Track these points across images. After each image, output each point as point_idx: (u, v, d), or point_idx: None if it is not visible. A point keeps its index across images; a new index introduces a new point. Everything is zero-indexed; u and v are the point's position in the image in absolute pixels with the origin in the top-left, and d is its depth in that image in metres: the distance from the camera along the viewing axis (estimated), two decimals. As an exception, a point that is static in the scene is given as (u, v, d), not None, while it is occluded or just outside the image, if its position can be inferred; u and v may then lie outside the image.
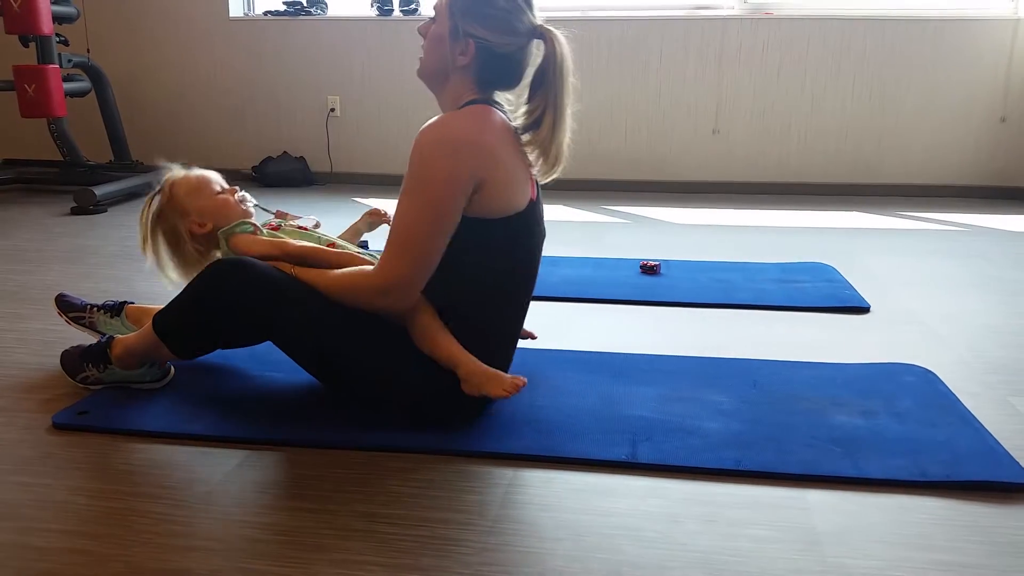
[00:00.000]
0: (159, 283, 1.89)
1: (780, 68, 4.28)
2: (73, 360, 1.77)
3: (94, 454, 1.51)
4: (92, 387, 1.75)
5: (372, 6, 4.57)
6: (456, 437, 1.53)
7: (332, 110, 4.64)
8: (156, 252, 1.82)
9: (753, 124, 4.36)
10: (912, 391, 1.76)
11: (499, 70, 1.54)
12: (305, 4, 4.63)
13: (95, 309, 1.99)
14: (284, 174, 4.56)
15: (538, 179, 1.60)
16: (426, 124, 1.49)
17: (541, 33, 1.53)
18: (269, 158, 4.62)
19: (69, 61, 4.13)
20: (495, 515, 1.31)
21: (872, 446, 1.51)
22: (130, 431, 1.58)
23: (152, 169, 4.38)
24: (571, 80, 1.53)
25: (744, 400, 1.71)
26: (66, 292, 2.07)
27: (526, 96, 1.56)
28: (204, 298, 1.60)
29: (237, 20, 4.67)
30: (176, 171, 1.86)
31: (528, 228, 1.58)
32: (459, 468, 1.45)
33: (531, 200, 1.57)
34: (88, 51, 4.54)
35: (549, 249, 3.09)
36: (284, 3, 4.65)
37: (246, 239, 1.70)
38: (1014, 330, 2.20)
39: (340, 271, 1.57)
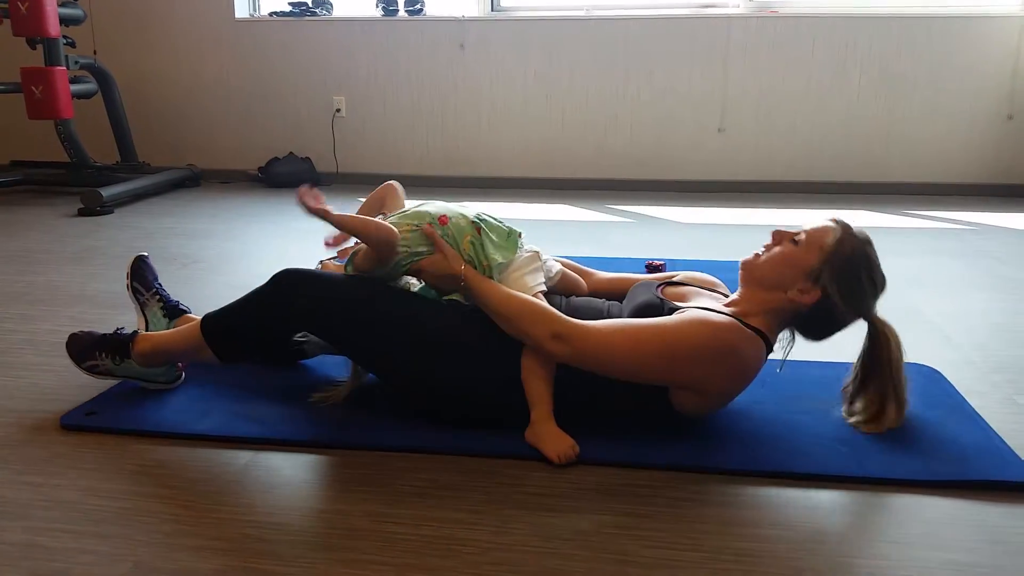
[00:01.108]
0: (167, 284, 1.89)
1: (786, 66, 4.27)
2: (84, 345, 1.74)
3: (102, 454, 1.51)
4: (97, 376, 1.73)
5: (377, 6, 4.58)
6: (463, 437, 1.54)
7: (338, 111, 4.64)
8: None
9: (759, 123, 4.36)
10: (918, 390, 1.75)
11: (819, 326, 1.57)
12: (310, 5, 4.64)
13: (158, 297, 1.92)
14: (290, 175, 4.57)
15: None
16: (732, 320, 1.49)
17: (873, 320, 1.55)
18: (275, 159, 4.63)
19: (76, 63, 4.15)
20: (502, 514, 1.31)
21: (879, 446, 1.51)
22: (138, 431, 1.59)
23: (159, 170, 4.41)
24: (903, 368, 1.55)
25: (751, 399, 1.71)
26: (148, 258, 1.99)
27: (856, 387, 1.59)
28: (266, 308, 1.61)
29: (243, 21, 4.68)
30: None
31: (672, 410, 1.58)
32: (466, 467, 1.46)
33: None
34: (95, 53, 4.56)
35: (554, 249, 3.08)
36: (289, 4, 4.66)
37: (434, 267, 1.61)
38: (1021, 329, 2.20)
39: (519, 296, 1.54)
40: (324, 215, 1.52)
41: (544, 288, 1.62)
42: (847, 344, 2.07)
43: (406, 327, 1.58)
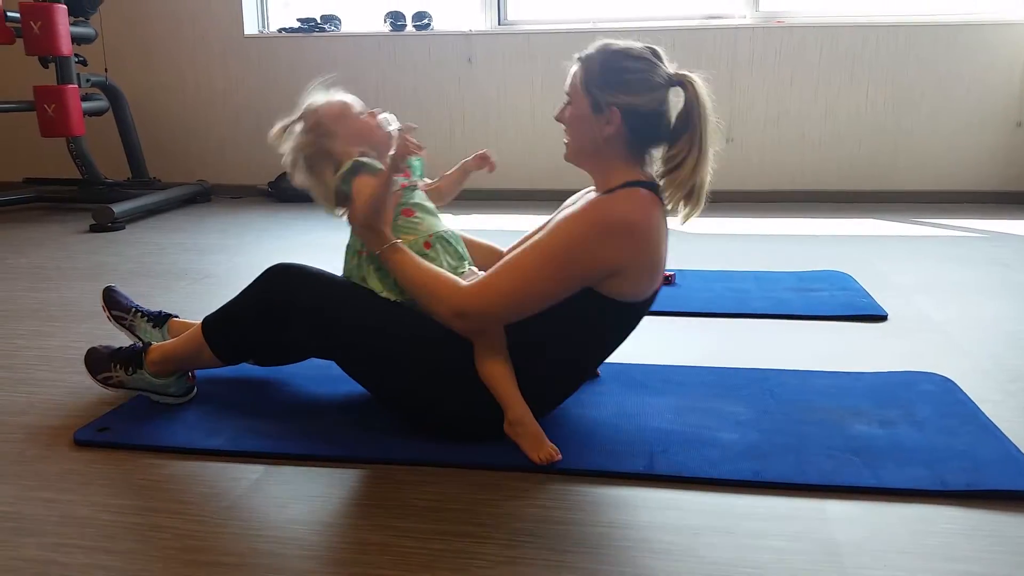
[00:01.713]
0: (178, 299, 1.91)
1: (793, 76, 4.27)
2: (100, 358, 1.78)
3: (115, 470, 1.52)
4: (111, 388, 1.76)
5: (385, 22, 4.61)
6: (473, 451, 1.54)
7: (346, 125, 4.67)
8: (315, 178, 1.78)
9: (767, 132, 4.36)
10: (931, 400, 1.74)
11: (647, 129, 1.52)
12: (319, 21, 4.68)
13: (139, 314, 1.98)
14: (299, 189, 4.58)
15: (680, 220, 1.57)
16: (594, 199, 1.50)
17: (678, 80, 1.52)
18: (285, 174, 4.64)
19: (87, 81, 4.19)
20: (512, 528, 1.31)
21: (891, 456, 1.50)
22: (150, 447, 1.59)
23: (169, 186, 4.44)
24: (713, 120, 1.52)
25: (761, 410, 1.71)
26: (116, 287, 2.06)
27: (669, 142, 1.54)
28: (256, 299, 1.64)
29: (252, 38, 4.72)
30: (316, 96, 1.82)
31: (637, 315, 1.58)
32: (475, 481, 1.46)
33: (655, 290, 1.57)
34: (106, 71, 4.60)
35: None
36: (298, 20, 4.70)
37: (365, 183, 1.61)
38: (1034, 337, 2.18)
39: (432, 270, 1.54)
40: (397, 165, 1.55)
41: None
42: (865, 353, 2.06)
43: (379, 328, 1.58)
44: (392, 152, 1.55)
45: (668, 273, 2.71)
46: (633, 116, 1.50)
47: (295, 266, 1.65)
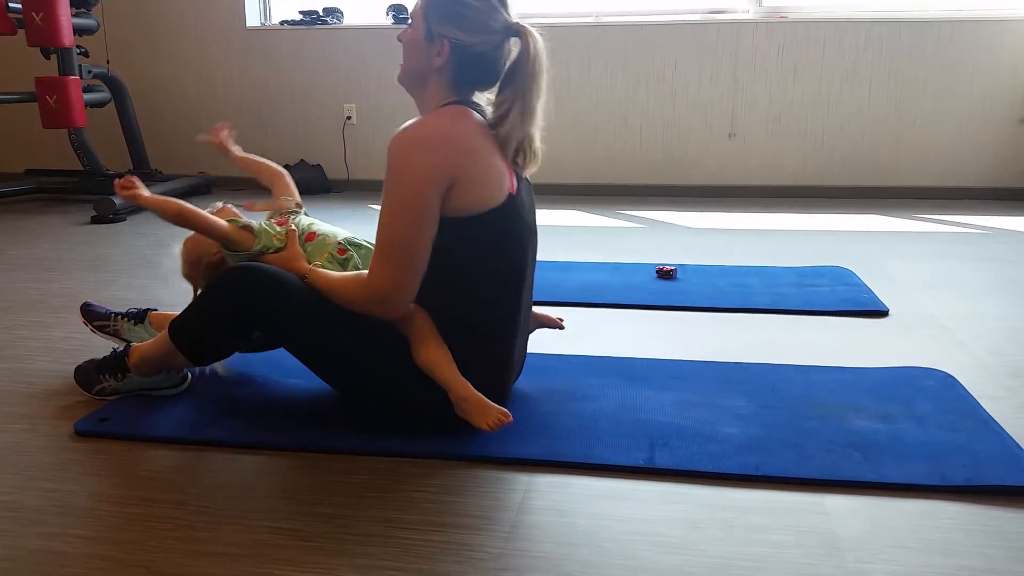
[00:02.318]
0: (179, 290, 1.91)
1: (796, 71, 4.26)
2: (88, 374, 1.78)
3: (116, 460, 1.52)
4: (108, 398, 1.76)
5: (387, 14, 4.60)
6: (473, 442, 1.54)
7: (348, 118, 4.67)
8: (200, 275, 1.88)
9: (769, 127, 4.35)
10: (932, 395, 1.74)
11: (475, 70, 1.55)
12: (321, 13, 4.67)
13: (119, 317, 2.01)
14: (301, 182, 4.54)
15: (522, 173, 1.60)
16: (400, 128, 1.51)
17: (516, 31, 1.53)
18: (286, 166, 4.62)
19: (89, 72, 4.18)
20: (512, 520, 1.31)
21: (892, 451, 1.50)
22: (150, 437, 1.60)
23: (171, 178, 4.44)
24: (544, 78, 1.52)
25: (762, 405, 1.71)
26: (91, 301, 2.10)
27: (497, 90, 1.56)
28: (216, 304, 1.62)
29: (254, 30, 4.72)
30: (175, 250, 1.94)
31: (509, 222, 1.57)
32: (476, 473, 1.46)
33: (510, 194, 1.55)
34: (108, 62, 4.60)
35: (564, 254, 3.09)
36: (300, 12, 4.69)
37: (276, 264, 1.67)
38: (1036, 333, 2.18)
39: (343, 276, 1.59)
40: (135, 199, 1.73)
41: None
42: (866, 348, 2.06)
43: (339, 313, 1.58)
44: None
45: (670, 268, 2.71)
46: (462, 53, 1.52)
47: (249, 270, 1.60)
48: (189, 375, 1.81)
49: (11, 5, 3.88)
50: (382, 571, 1.19)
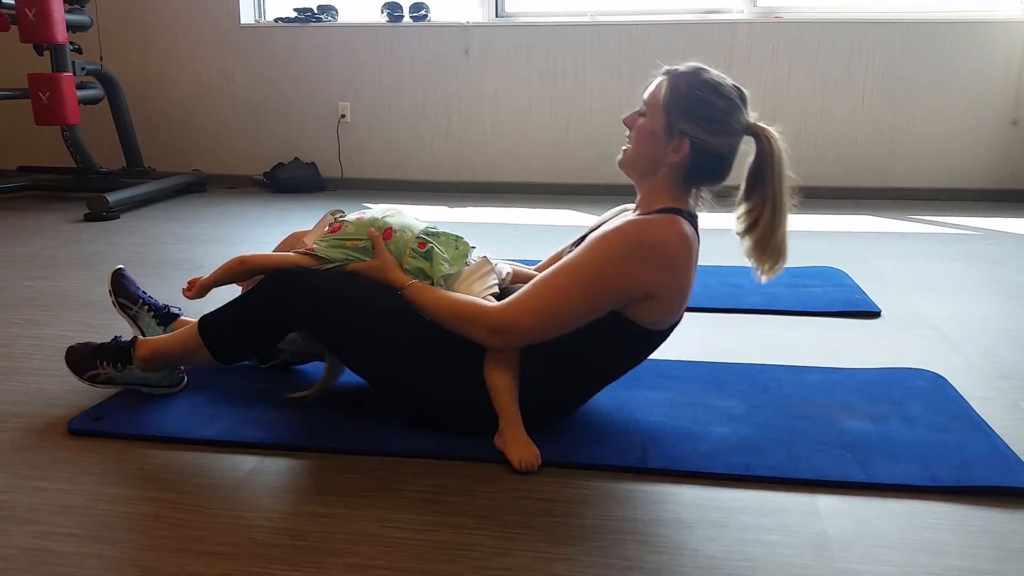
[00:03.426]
0: (173, 288, 1.90)
1: (790, 72, 4.27)
2: (83, 356, 1.75)
3: (109, 459, 1.52)
4: (99, 386, 1.74)
5: (382, 12, 4.60)
6: (468, 443, 1.54)
7: (343, 116, 4.66)
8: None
9: (763, 128, 4.36)
10: (923, 396, 1.75)
11: (710, 168, 1.52)
12: (315, 11, 4.66)
13: (147, 307, 1.93)
14: (295, 180, 4.58)
15: (761, 278, 1.57)
16: (633, 219, 1.49)
17: (755, 131, 1.51)
18: (280, 164, 4.65)
19: (83, 69, 4.17)
20: (505, 520, 1.32)
21: (882, 451, 1.51)
22: (144, 436, 1.60)
23: (164, 176, 4.43)
24: (788, 175, 1.51)
25: (754, 405, 1.72)
26: (125, 271, 2.00)
27: (741, 196, 1.53)
28: (254, 305, 1.63)
29: (248, 27, 4.70)
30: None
31: (657, 342, 1.59)
32: (470, 472, 1.46)
33: (677, 321, 1.57)
34: (101, 59, 4.58)
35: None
36: (295, 10, 4.68)
37: (368, 273, 1.63)
38: (1026, 334, 2.20)
39: (455, 298, 1.55)
40: (202, 290, 1.66)
41: (496, 290, 1.62)
42: (858, 349, 2.07)
43: (396, 327, 1.58)
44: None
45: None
46: (701, 153, 1.49)
47: (296, 273, 1.62)
48: (186, 379, 1.80)
49: (4, 1, 3.87)
50: (375, 570, 1.19)
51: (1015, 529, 1.29)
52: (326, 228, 1.71)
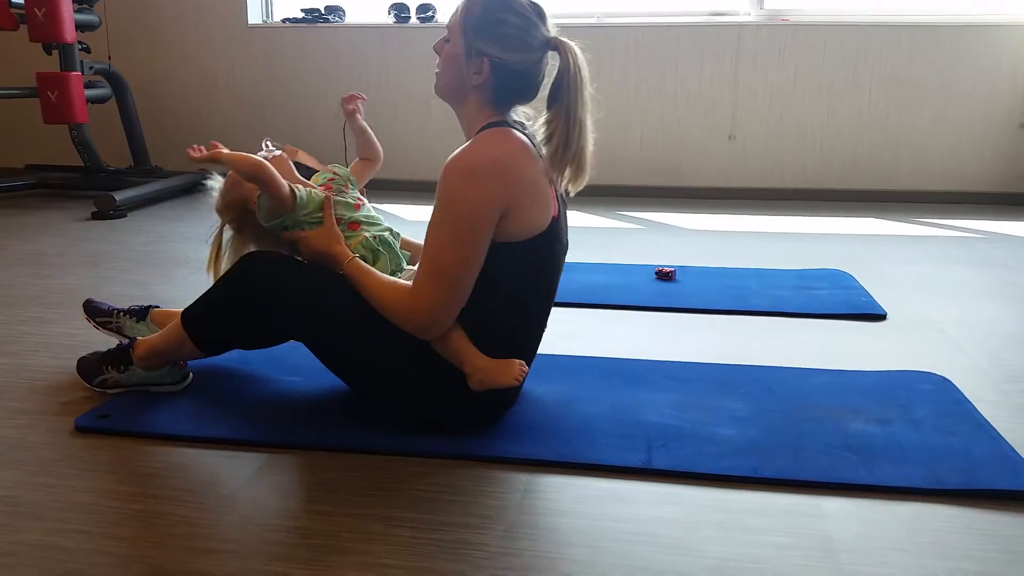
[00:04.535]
0: (179, 287, 1.91)
1: (796, 74, 4.27)
2: (91, 365, 1.80)
3: (117, 457, 1.53)
4: (110, 391, 1.77)
5: (389, 14, 4.60)
6: (473, 442, 1.55)
7: (349, 116, 4.67)
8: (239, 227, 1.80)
9: (769, 130, 4.36)
10: (928, 399, 1.75)
11: (515, 86, 1.55)
12: (323, 12, 4.67)
13: (121, 313, 2.01)
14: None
15: (566, 191, 1.60)
16: (451, 155, 1.50)
17: (555, 45, 1.53)
18: (286, 164, 4.66)
19: (91, 68, 4.18)
20: (511, 520, 1.32)
21: (888, 454, 1.51)
22: (151, 434, 1.60)
23: (171, 175, 4.45)
24: (588, 90, 1.53)
25: (760, 407, 1.72)
26: (93, 298, 2.10)
27: (544, 109, 1.55)
28: (233, 291, 1.65)
29: (256, 27, 4.72)
30: (214, 184, 1.82)
31: (550, 245, 1.59)
32: (476, 473, 1.47)
33: (553, 217, 1.57)
34: (109, 58, 4.60)
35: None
36: (302, 10, 4.69)
37: (313, 241, 1.66)
38: (1032, 338, 2.19)
39: (386, 282, 1.57)
40: (216, 158, 1.61)
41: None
42: (864, 352, 2.07)
43: (354, 309, 1.59)
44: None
45: (668, 269, 2.72)
46: (502, 71, 1.51)
47: (265, 257, 1.65)
48: (190, 374, 1.81)
49: (13, 0, 3.88)
50: (382, 569, 1.19)
51: (1021, 533, 1.28)
52: (326, 177, 1.79)
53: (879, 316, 2.36)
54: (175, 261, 2.99)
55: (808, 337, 2.20)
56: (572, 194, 1.62)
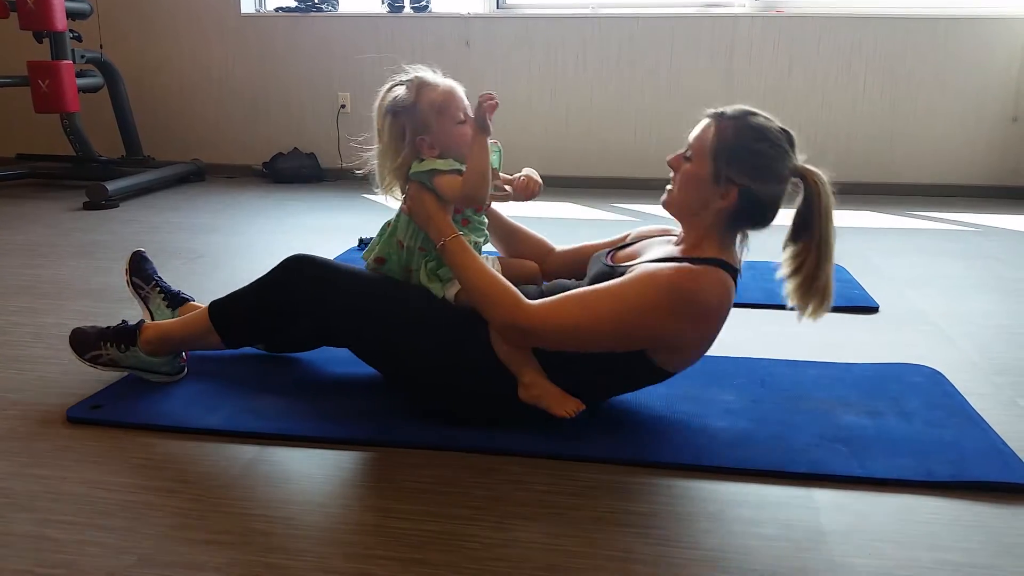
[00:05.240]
0: (172, 278, 1.90)
1: (791, 66, 4.27)
2: (87, 338, 1.76)
3: (109, 447, 1.53)
4: (100, 367, 1.75)
5: (383, 3, 4.58)
6: (467, 434, 1.55)
7: (343, 106, 4.65)
8: (384, 145, 1.74)
9: (763, 122, 4.35)
10: (920, 391, 1.76)
11: (756, 214, 1.50)
12: (316, 1, 4.64)
13: (158, 289, 1.94)
14: (294, 170, 4.57)
15: (805, 319, 1.52)
16: (682, 268, 1.45)
17: (802, 173, 1.47)
18: (279, 154, 4.64)
19: (82, 57, 4.16)
20: (504, 511, 1.32)
21: (879, 446, 1.51)
22: (144, 425, 1.60)
23: (164, 165, 4.42)
24: (834, 218, 1.47)
25: (752, 399, 1.72)
26: (146, 254, 2.01)
27: (788, 239, 1.49)
28: (266, 289, 1.66)
29: (249, 16, 4.69)
30: (427, 74, 1.73)
31: (667, 378, 1.58)
32: (469, 464, 1.47)
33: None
34: (101, 47, 4.57)
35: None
36: (295, 0, 4.67)
37: (450, 183, 1.58)
38: (1023, 331, 2.20)
39: (493, 273, 1.53)
40: (486, 122, 1.53)
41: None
42: (855, 344, 2.08)
43: (403, 317, 1.59)
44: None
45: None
46: (748, 200, 1.47)
47: (309, 259, 1.66)
48: (186, 369, 1.81)
49: (3, -12, 3.85)
50: (373, 560, 1.20)
51: (1010, 524, 1.29)
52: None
53: (871, 309, 2.37)
54: (167, 252, 2.98)
55: (800, 329, 2.20)
56: (814, 322, 1.53)
